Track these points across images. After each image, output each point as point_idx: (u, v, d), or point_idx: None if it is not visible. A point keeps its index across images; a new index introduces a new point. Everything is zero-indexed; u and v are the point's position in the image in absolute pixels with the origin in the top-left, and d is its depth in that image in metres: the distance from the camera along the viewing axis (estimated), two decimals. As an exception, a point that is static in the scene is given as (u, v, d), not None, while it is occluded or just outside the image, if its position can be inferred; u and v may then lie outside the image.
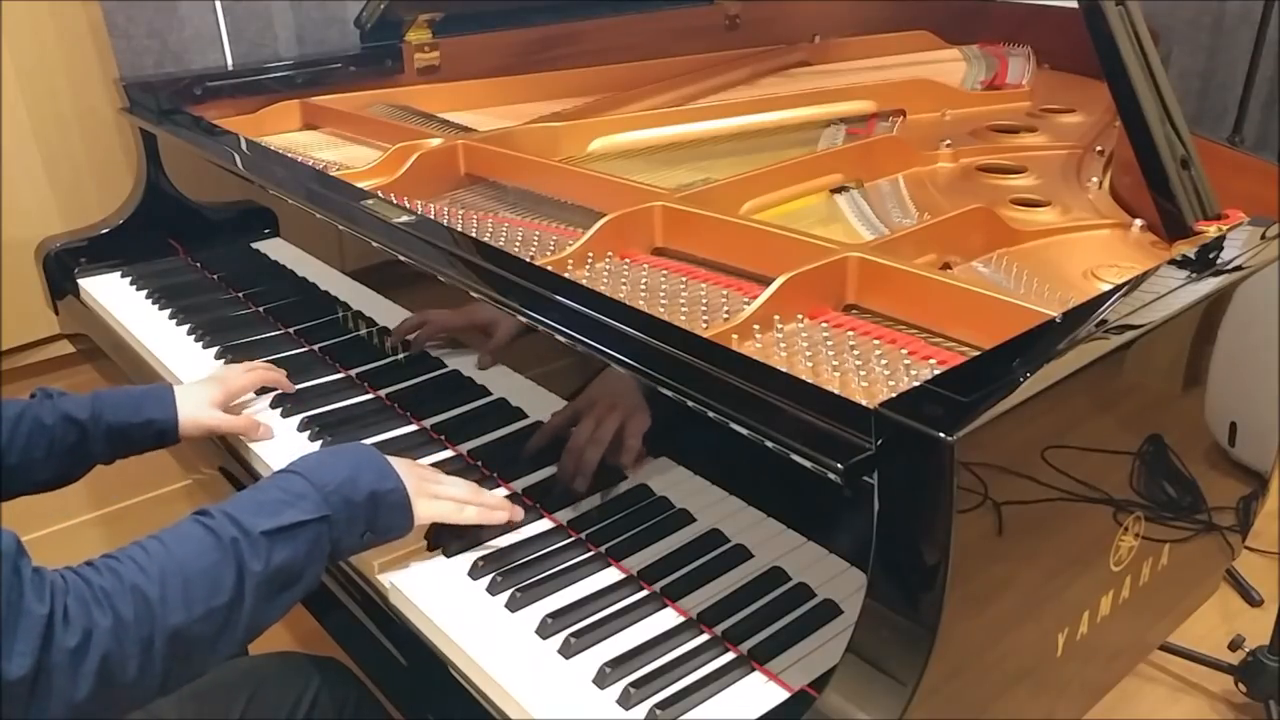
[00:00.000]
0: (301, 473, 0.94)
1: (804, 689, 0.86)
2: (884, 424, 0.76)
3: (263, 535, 0.87)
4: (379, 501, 0.96)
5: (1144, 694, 1.86)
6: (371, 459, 0.98)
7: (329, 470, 0.95)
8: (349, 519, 0.94)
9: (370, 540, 0.97)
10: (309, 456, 0.99)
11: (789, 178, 1.46)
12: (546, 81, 2.05)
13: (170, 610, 0.81)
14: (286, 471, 0.95)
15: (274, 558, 0.87)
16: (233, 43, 2.07)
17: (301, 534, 0.90)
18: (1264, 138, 2.28)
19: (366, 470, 0.96)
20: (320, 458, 0.98)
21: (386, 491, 0.96)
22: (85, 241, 1.84)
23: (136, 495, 2.27)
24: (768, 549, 0.96)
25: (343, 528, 0.93)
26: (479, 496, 1.04)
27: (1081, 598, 0.96)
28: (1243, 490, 1.20)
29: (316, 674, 1.13)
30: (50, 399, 1.19)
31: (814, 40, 2.35)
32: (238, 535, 0.87)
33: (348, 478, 0.94)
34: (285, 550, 0.88)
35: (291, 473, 0.95)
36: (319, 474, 0.94)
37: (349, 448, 1.02)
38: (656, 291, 1.17)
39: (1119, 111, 1.18)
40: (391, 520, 0.97)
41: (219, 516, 0.88)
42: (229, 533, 0.87)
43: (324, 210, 1.37)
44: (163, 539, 0.86)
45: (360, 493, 0.94)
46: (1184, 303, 0.96)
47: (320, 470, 0.94)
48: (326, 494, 0.92)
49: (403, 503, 0.97)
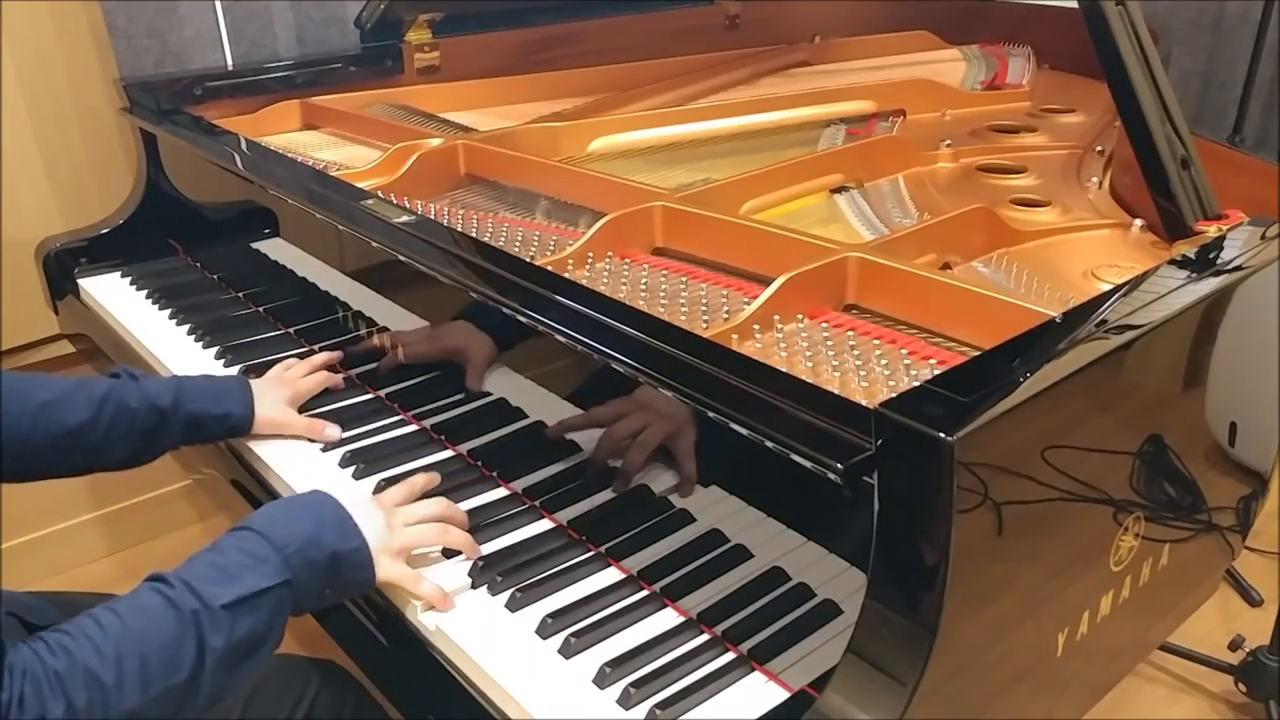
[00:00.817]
0: (262, 532, 0.91)
1: (804, 689, 0.86)
2: (884, 424, 0.76)
3: (224, 609, 0.84)
4: (341, 561, 0.93)
5: (1144, 694, 1.87)
6: (333, 514, 0.95)
7: (290, 529, 0.92)
8: (310, 580, 0.91)
9: (331, 597, 0.95)
10: (268, 510, 0.95)
11: (789, 178, 1.46)
12: (546, 81, 2.05)
13: (125, 694, 0.79)
14: (246, 529, 0.92)
15: (236, 630, 0.85)
16: (233, 43, 2.07)
17: (263, 601, 0.87)
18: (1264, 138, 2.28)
19: (329, 527, 0.94)
20: (281, 513, 0.94)
21: (349, 551, 0.94)
22: (85, 241, 1.84)
23: (136, 495, 2.27)
24: (768, 549, 0.96)
25: (303, 590, 0.91)
26: (446, 538, 1.02)
27: (1081, 598, 0.96)
28: (1243, 490, 1.20)
29: (316, 675, 1.13)
30: (135, 380, 1.19)
31: (814, 40, 2.35)
32: (198, 607, 0.84)
33: (310, 537, 0.92)
34: (247, 621, 0.86)
35: (251, 531, 0.91)
36: (280, 533, 0.91)
37: (311, 500, 0.98)
38: (656, 291, 1.17)
39: (1119, 111, 1.18)
40: (353, 578, 0.95)
41: (178, 586, 0.85)
42: (189, 604, 0.84)
43: (324, 210, 1.37)
44: (119, 612, 0.83)
45: (322, 553, 0.92)
46: (1184, 303, 0.96)
47: (281, 529, 0.91)
48: (287, 556, 0.90)
49: (365, 562, 0.95)
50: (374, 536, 0.96)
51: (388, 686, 1.08)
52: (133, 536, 2.28)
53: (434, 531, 1.02)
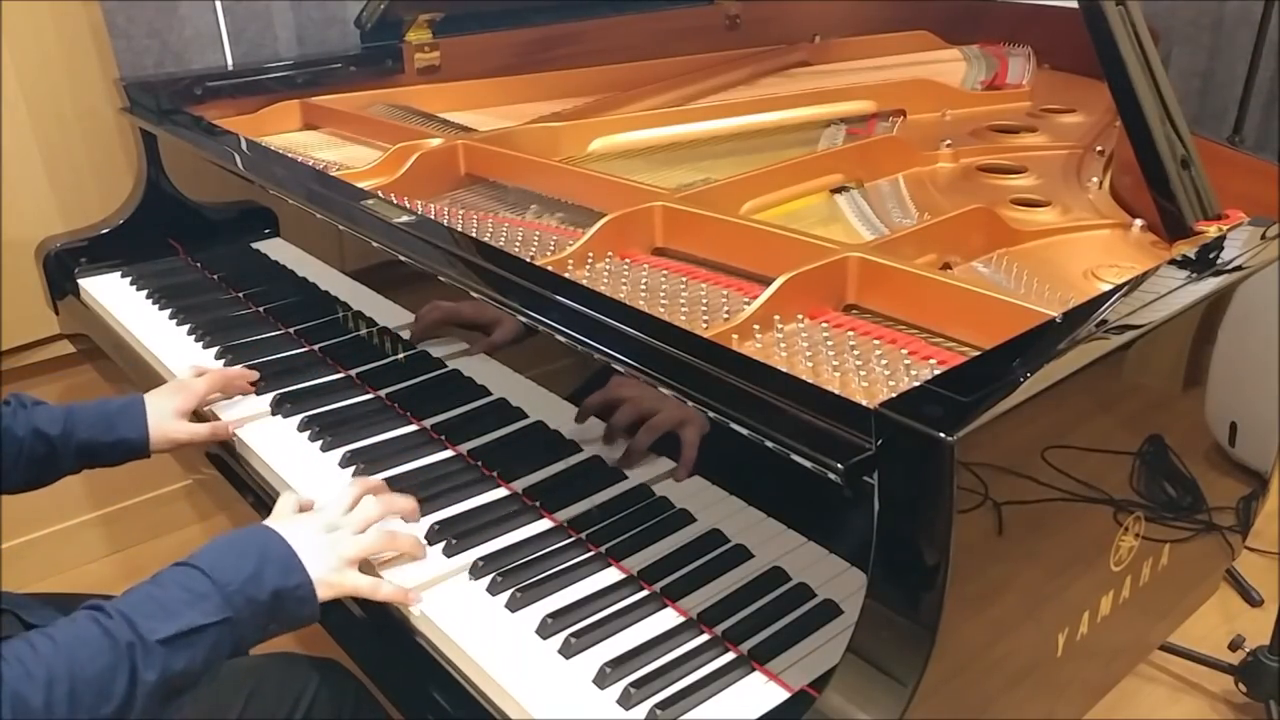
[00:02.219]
0: (204, 569, 0.90)
1: (804, 689, 0.86)
2: (884, 424, 0.76)
3: (159, 644, 0.84)
4: (284, 598, 0.93)
5: (1144, 694, 1.87)
6: (276, 550, 0.95)
7: (233, 567, 0.91)
8: (251, 618, 0.91)
9: (274, 632, 0.95)
10: (211, 548, 0.94)
11: (789, 178, 1.46)
12: (546, 81, 2.05)
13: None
14: (187, 566, 0.92)
15: (171, 666, 0.85)
16: (233, 43, 2.07)
17: (200, 640, 0.87)
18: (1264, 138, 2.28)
19: (271, 564, 0.93)
20: (224, 550, 0.94)
21: (291, 588, 0.93)
22: (85, 241, 1.84)
23: (136, 495, 2.27)
24: (768, 549, 0.96)
25: (244, 628, 0.90)
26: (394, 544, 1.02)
27: (1081, 598, 0.96)
28: (1243, 490, 1.20)
29: (316, 674, 1.13)
30: (25, 408, 1.19)
31: (814, 40, 2.35)
32: (134, 640, 0.83)
33: (252, 575, 0.91)
34: (183, 657, 0.86)
35: (193, 568, 0.91)
36: (222, 571, 0.90)
37: (252, 536, 0.97)
38: (656, 291, 1.17)
39: (1119, 111, 1.18)
40: (297, 612, 0.95)
41: (116, 617, 0.85)
42: (125, 637, 0.83)
43: (324, 210, 1.37)
44: (54, 637, 0.83)
45: (264, 591, 0.91)
46: (1184, 303, 0.96)
47: (223, 566, 0.91)
48: (229, 594, 0.89)
49: (308, 596, 0.94)
50: (317, 566, 0.96)
51: (387, 686, 1.08)
52: (133, 536, 2.28)
53: (382, 538, 1.02)
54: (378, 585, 0.99)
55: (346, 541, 1.00)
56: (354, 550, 0.99)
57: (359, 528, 1.02)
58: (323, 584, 0.95)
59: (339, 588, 0.97)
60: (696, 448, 0.97)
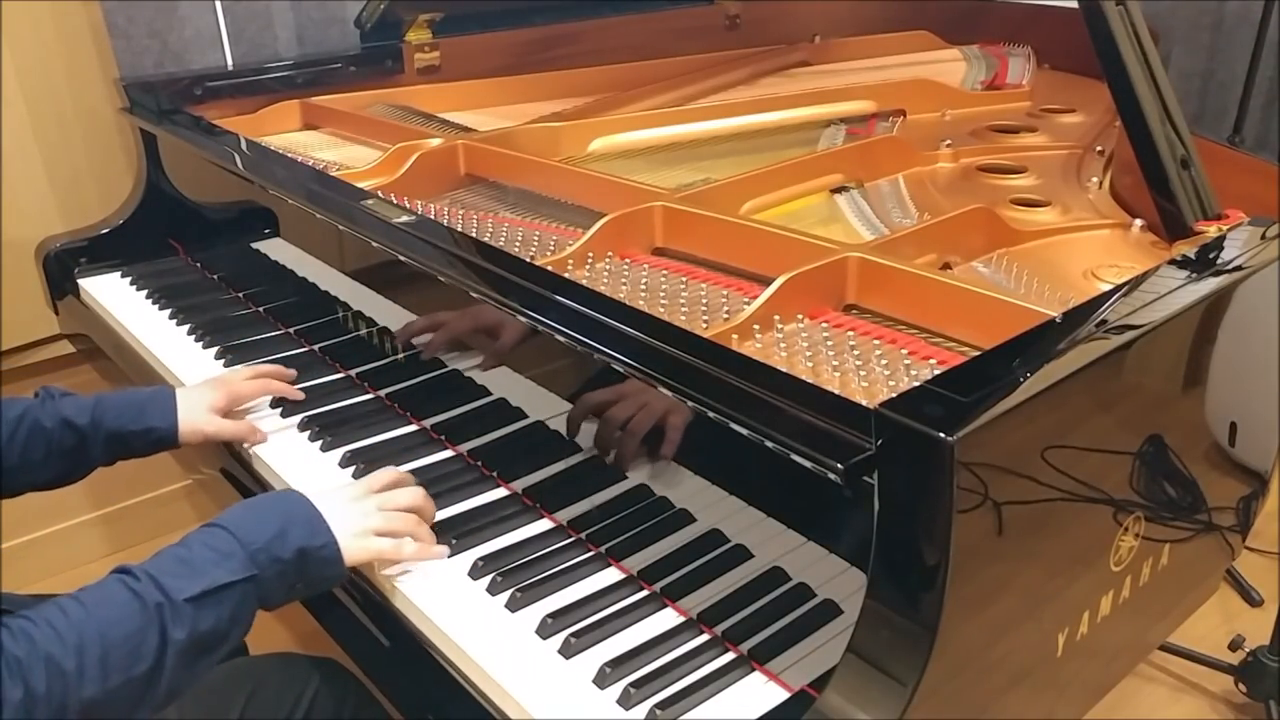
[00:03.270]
0: (229, 528, 0.91)
1: (804, 689, 0.86)
2: (884, 424, 0.76)
3: (187, 602, 0.85)
4: (308, 557, 0.94)
5: (1144, 694, 1.87)
6: (301, 511, 0.96)
7: (257, 526, 0.92)
8: (277, 576, 0.91)
9: (301, 591, 0.95)
10: (237, 509, 0.95)
11: (789, 178, 1.46)
12: (546, 81, 2.05)
13: (86, 681, 0.79)
14: (214, 526, 0.93)
15: (199, 624, 0.86)
16: (233, 43, 2.07)
17: (227, 596, 0.88)
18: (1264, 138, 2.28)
19: (296, 524, 0.94)
20: (249, 511, 0.95)
21: (317, 547, 0.94)
22: (85, 241, 1.84)
23: (136, 495, 2.27)
24: (768, 549, 0.96)
25: (271, 585, 0.91)
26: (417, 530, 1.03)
27: (1081, 598, 0.96)
28: (1243, 490, 1.20)
29: (316, 674, 1.13)
30: (53, 399, 1.19)
31: (814, 40, 2.35)
32: (162, 600, 0.84)
33: (277, 533, 0.92)
34: (210, 615, 0.86)
35: (219, 528, 0.92)
36: (246, 530, 0.91)
37: (278, 498, 0.99)
38: (656, 291, 1.17)
39: (1119, 111, 1.18)
40: (322, 572, 0.95)
41: (144, 579, 0.86)
42: (153, 597, 0.84)
43: (324, 210, 1.37)
44: (84, 601, 0.84)
45: (289, 549, 0.92)
46: (1184, 303, 0.96)
47: (248, 526, 0.92)
48: (254, 552, 0.90)
49: (333, 556, 0.95)
50: (343, 528, 0.97)
51: (387, 686, 1.09)
52: (133, 536, 2.28)
53: (406, 522, 1.02)
54: (400, 545, 1.00)
55: (373, 514, 1.00)
56: (379, 522, 1.00)
57: (386, 506, 1.02)
58: (348, 546, 0.96)
59: (364, 550, 0.98)
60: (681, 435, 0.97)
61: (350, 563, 0.97)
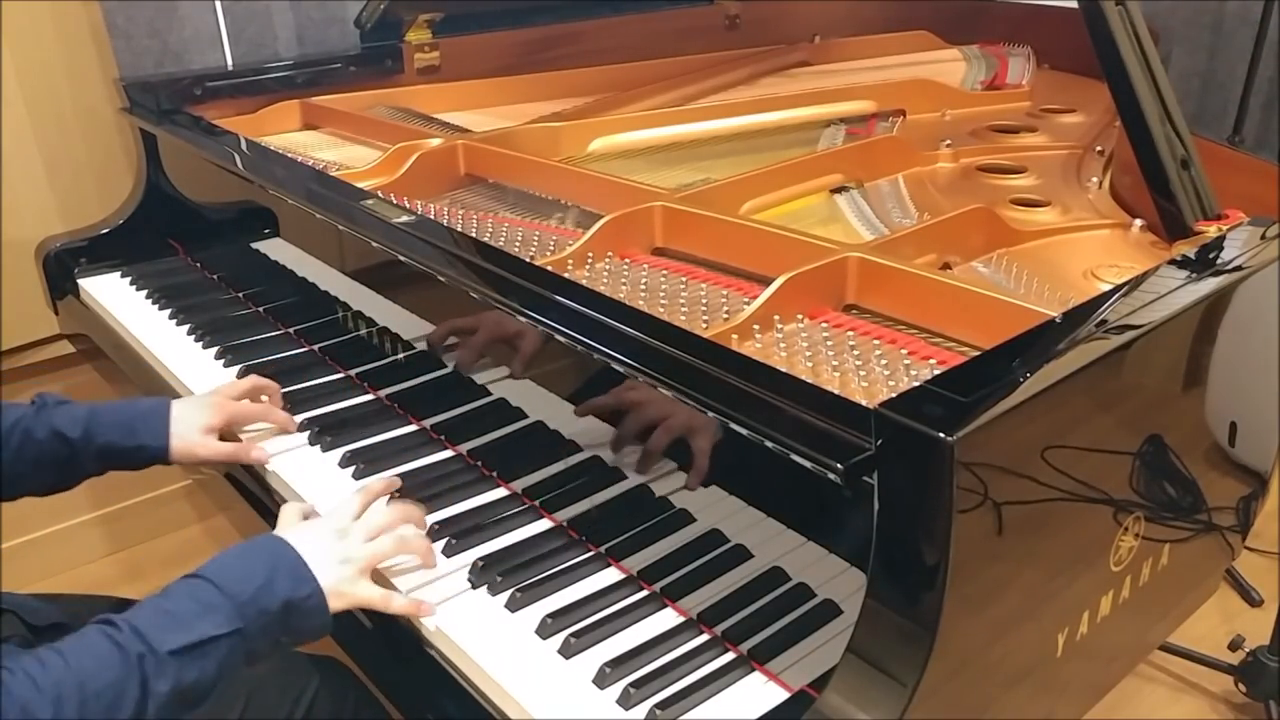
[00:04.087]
0: (214, 581, 0.89)
1: (804, 689, 0.86)
2: (884, 424, 0.76)
3: (170, 655, 0.84)
4: (294, 609, 0.91)
5: (1144, 694, 1.87)
6: (287, 560, 0.93)
7: (243, 578, 0.90)
8: (262, 629, 0.89)
9: (286, 643, 0.94)
10: (222, 559, 0.93)
11: (789, 178, 1.46)
12: (546, 81, 2.05)
13: None
14: (198, 578, 0.90)
15: (183, 677, 0.84)
16: (233, 43, 2.07)
17: (213, 650, 0.86)
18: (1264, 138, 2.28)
19: (282, 575, 0.92)
20: (234, 561, 0.93)
21: (302, 598, 0.92)
22: (85, 241, 1.84)
23: (136, 495, 2.27)
24: (768, 549, 0.96)
25: (256, 640, 0.89)
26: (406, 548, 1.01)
27: (1081, 598, 0.96)
28: (1243, 490, 1.20)
29: (315, 673, 1.13)
30: (47, 409, 1.18)
31: (814, 40, 2.35)
32: (144, 651, 0.83)
33: (263, 585, 0.90)
34: (194, 669, 0.85)
35: (203, 579, 0.90)
36: (232, 583, 0.89)
37: (264, 546, 0.95)
38: (656, 291, 1.17)
39: (1119, 111, 1.18)
40: (307, 624, 0.93)
41: (125, 630, 0.84)
42: (135, 648, 0.83)
43: (324, 210, 1.37)
44: (63, 651, 0.82)
45: (275, 601, 0.90)
46: (1184, 303, 0.96)
47: (234, 578, 0.90)
48: (240, 605, 0.88)
49: (318, 607, 0.93)
50: (329, 576, 0.94)
51: (388, 686, 1.08)
52: (133, 536, 2.28)
53: (393, 543, 1.00)
54: (389, 598, 0.97)
55: (357, 548, 0.97)
56: (365, 558, 0.97)
57: (370, 534, 0.99)
58: (334, 595, 0.94)
59: (350, 598, 0.95)
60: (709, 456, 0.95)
61: (337, 608, 0.94)
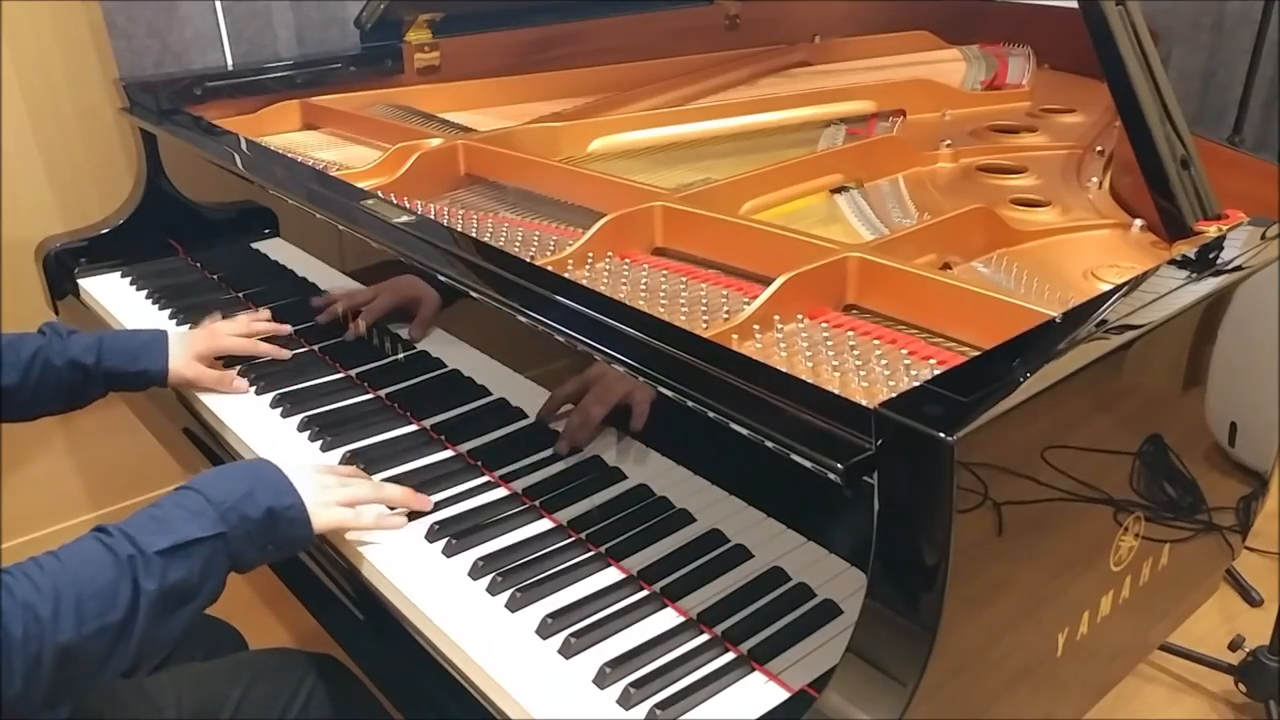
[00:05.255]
0: (199, 489, 0.96)
1: (804, 689, 0.86)
2: (884, 424, 0.76)
3: (157, 554, 0.89)
4: (277, 517, 0.98)
5: (1144, 694, 1.87)
6: (268, 474, 1.00)
7: (226, 488, 0.96)
8: (246, 535, 0.95)
9: (273, 553, 0.99)
10: (208, 474, 1.00)
11: (789, 178, 1.46)
12: (546, 81, 2.05)
13: (61, 628, 0.82)
14: (185, 488, 0.97)
15: (169, 575, 0.89)
16: (233, 43, 2.07)
17: (197, 551, 0.91)
18: (1264, 138, 2.28)
19: (263, 486, 0.98)
20: (218, 475, 1.00)
21: (284, 508, 0.98)
22: (85, 241, 1.84)
23: (136, 495, 2.27)
24: (768, 549, 0.96)
25: (240, 544, 0.95)
26: (379, 493, 1.08)
27: (1081, 598, 0.96)
28: (1243, 490, 1.20)
29: (313, 670, 1.13)
30: (60, 338, 1.31)
31: (814, 40, 2.35)
32: (134, 553, 0.88)
33: (245, 494, 0.96)
34: (181, 568, 0.90)
35: (189, 489, 0.96)
36: (216, 491, 0.95)
37: (248, 464, 1.04)
38: (656, 291, 1.17)
39: (1119, 111, 1.18)
40: (292, 533, 0.99)
41: (116, 535, 0.89)
42: (125, 550, 0.88)
43: (324, 210, 1.37)
44: (59, 555, 0.87)
45: (258, 509, 0.96)
46: (1184, 303, 0.96)
47: (217, 488, 0.96)
48: (223, 511, 0.94)
49: (301, 518, 0.99)
50: (310, 494, 1.01)
51: (386, 685, 1.08)
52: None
53: (370, 488, 1.08)
54: (360, 514, 1.05)
55: (334, 486, 1.05)
56: (345, 492, 1.05)
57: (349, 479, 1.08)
58: (315, 511, 1.00)
59: (330, 517, 1.02)
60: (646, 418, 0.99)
61: (317, 528, 1.01)
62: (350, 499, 1.05)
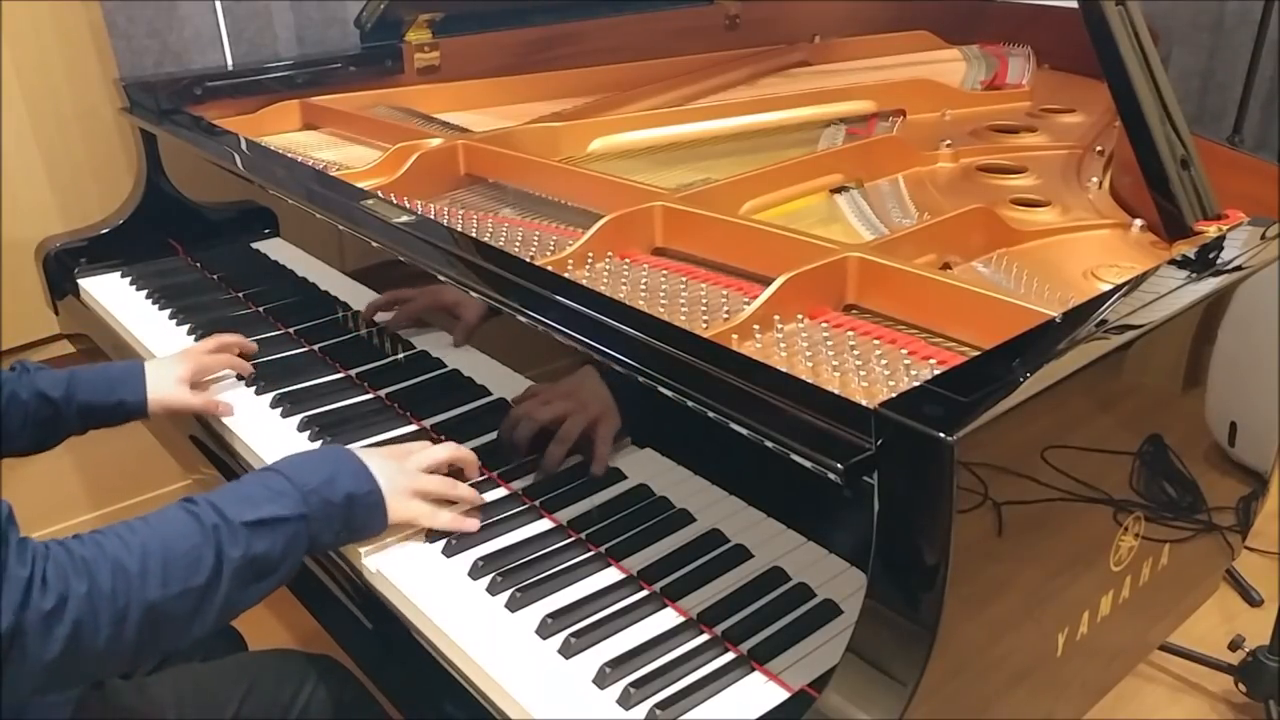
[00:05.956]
0: (284, 472, 0.98)
1: (804, 689, 0.86)
2: (884, 424, 0.76)
3: (243, 525, 0.91)
4: (355, 503, 1.00)
5: (1144, 694, 1.86)
6: (350, 462, 1.02)
7: (310, 471, 0.99)
8: (326, 518, 0.98)
9: (345, 538, 1.02)
10: (292, 457, 1.02)
11: (789, 178, 1.46)
12: (546, 81, 2.05)
13: (148, 586, 0.85)
14: (269, 470, 1.00)
15: (253, 547, 0.91)
16: (233, 43, 2.07)
17: (280, 528, 0.94)
18: (1264, 138, 2.28)
19: (345, 473, 1.01)
20: (302, 459, 1.02)
21: (363, 494, 1.01)
22: (85, 241, 1.84)
23: (136, 495, 2.27)
24: (768, 549, 0.96)
25: (319, 526, 0.97)
26: (454, 490, 1.08)
27: (1081, 598, 0.96)
28: (1243, 490, 1.20)
29: (313, 671, 1.13)
30: (28, 373, 1.25)
31: (814, 40, 2.35)
32: (219, 522, 0.91)
33: (327, 479, 0.99)
34: (263, 541, 0.92)
35: (274, 471, 0.99)
36: (300, 474, 0.98)
37: (330, 450, 1.07)
38: (656, 291, 1.17)
39: (1119, 111, 1.18)
40: (367, 520, 1.02)
41: (203, 504, 0.92)
42: (211, 519, 0.91)
43: (324, 210, 1.37)
44: (148, 519, 0.90)
45: (338, 494, 0.99)
46: (1184, 303, 0.96)
47: (301, 471, 0.99)
48: (306, 493, 0.96)
49: (378, 504, 1.02)
50: (387, 483, 1.03)
51: (386, 685, 1.09)
52: (133, 536, 2.28)
53: (443, 483, 1.07)
54: (436, 513, 1.05)
55: (412, 474, 1.06)
56: (419, 484, 1.06)
57: (424, 465, 1.08)
58: (391, 500, 1.02)
59: (405, 509, 1.04)
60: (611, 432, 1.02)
61: (393, 519, 1.03)
62: (424, 490, 1.06)
